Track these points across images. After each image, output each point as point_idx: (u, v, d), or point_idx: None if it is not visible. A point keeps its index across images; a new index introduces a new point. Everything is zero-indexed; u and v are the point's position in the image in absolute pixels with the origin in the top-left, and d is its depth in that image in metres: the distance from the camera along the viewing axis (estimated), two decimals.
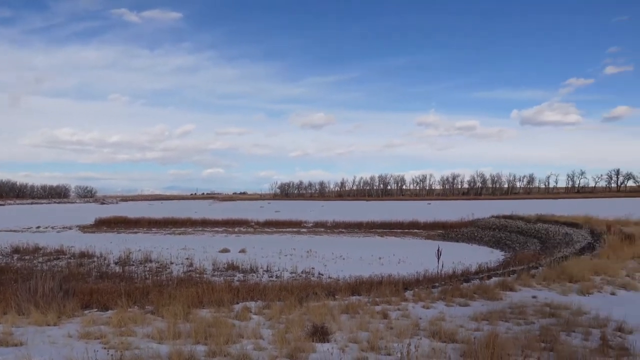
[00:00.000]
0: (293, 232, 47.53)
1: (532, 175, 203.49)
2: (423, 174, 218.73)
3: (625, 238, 21.29)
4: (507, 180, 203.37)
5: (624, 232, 23.81)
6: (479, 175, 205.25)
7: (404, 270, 19.50)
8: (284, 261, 25.84)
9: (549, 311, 9.77)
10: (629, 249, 18.45)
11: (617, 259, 16.77)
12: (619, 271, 14.77)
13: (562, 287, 12.80)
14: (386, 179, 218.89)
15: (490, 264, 21.00)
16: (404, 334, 7.59)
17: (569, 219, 34.27)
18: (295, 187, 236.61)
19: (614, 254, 17.65)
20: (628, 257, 17.30)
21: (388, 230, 47.59)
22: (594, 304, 10.35)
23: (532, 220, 38.59)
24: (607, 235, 23.58)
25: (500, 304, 10.50)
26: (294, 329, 7.71)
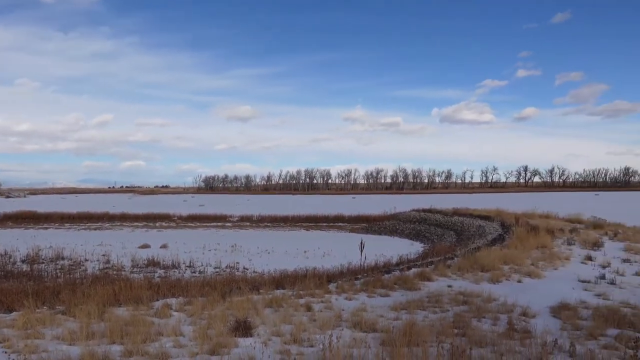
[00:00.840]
0: (218, 227, 46.66)
1: (450, 171, 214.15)
2: (348, 169, 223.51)
3: (531, 230, 22.98)
4: (427, 175, 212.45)
5: (530, 224, 25.68)
6: (401, 170, 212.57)
7: (329, 263, 19.80)
8: (207, 256, 25.31)
9: (462, 299, 10.34)
10: (534, 240, 19.93)
11: (523, 249, 18.06)
12: (525, 260, 15.94)
13: (474, 276, 13.59)
14: (312, 173, 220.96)
15: (410, 255, 21.82)
16: (327, 326, 7.71)
17: (482, 212, 36.41)
18: (221, 181, 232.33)
19: (521, 245, 19.00)
20: (533, 247, 18.70)
21: (314, 224, 48.05)
22: (502, 292, 11.09)
23: (449, 213, 40.59)
24: (515, 227, 25.32)
25: (419, 294, 10.96)
26: (216, 325, 7.57)
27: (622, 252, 18.59)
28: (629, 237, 22.23)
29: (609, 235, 22.72)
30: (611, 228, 25.29)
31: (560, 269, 15.36)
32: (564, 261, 16.52)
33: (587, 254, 17.73)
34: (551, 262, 16.04)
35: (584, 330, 7.70)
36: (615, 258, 17.14)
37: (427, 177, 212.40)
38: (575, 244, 20.21)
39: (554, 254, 17.31)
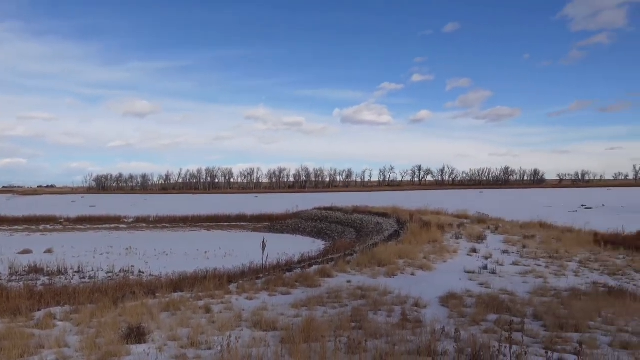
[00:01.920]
0: (111, 229, 43.89)
1: (350, 170, 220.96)
2: (251, 168, 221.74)
3: (424, 225, 24.41)
4: (329, 174, 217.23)
5: (423, 220, 27.28)
6: (304, 169, 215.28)
7: (230, 263, 19.46)
8: (99, 260, 23.69)
9: (360, 293, 10.69)
10: (426, 235, 21.20)
11: (417, 244, 19.14)
12: (418, 254, 16.89)
13: (372, 271, 14.13)
14: (214, 172, 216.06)
15: (312, 253, 22.15)
16: (226, 327, 7.56)
17: (380, 210, 38.00)
18: (114, 180, 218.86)
19: (414, 240, 20.11)
20: (425, 241, 19.87)
21: (215, 224, 47.02)
22: (397, 285, 11.65)
23: (349, 211, 41.84)
24: (410, 223, 26.73)
25: (319, 290, 11.15)
26: (106, 333, 7.11)
27: (502, 244, 20.40)
28: (507, 230, 24.45)
29: (491, 229, 24.80)
30: (493, 222, 27.65)
31: (449, 261, 16.48)
32: (453, 254, 17.75)
33: (472, 246, 19.20)
34: (441, 255, 17.16)
35: (468, 317, 8.33)
36: (496, 250, 18.76)
37: (329, 176, 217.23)
38: (462, 237, 21.81)
39: (444, 248, 18.54)
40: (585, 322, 7.73)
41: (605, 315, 8.34)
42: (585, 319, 7.84)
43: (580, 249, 19.00)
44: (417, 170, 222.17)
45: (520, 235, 22.40)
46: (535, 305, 9.40)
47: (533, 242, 20.68)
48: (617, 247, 18.97)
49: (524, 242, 20.48)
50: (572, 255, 17.68)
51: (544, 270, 15.01)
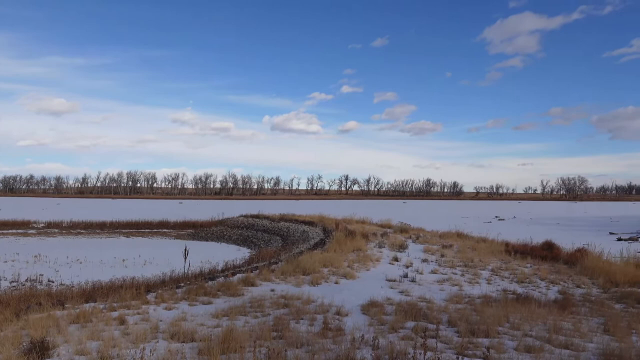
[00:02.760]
0: (18, 234, 40.69)
1: (278, 178, 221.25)
2: (176, 172, 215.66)
3: (349, 234, 24.82)
4: (257, 181, 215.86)
5: (349, 229, 27.74)
6: (231, 176, 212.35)
7: (150, 271, 18.71)
8: (2, 269, 21.87)
9: (283, 302, 10.63)
10: (351, 243, 21.57)
11: (341, 252, 19.41)
12: (343, 263, 17.12)
13: (297, 279, 14.13)
14: (136, 176, 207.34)
15: (236, 261, 21.83)
16: (141, 339, 7.21)
17: (306, 218, 38.19)
18: (24, 182, 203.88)
19: (339, 248, 20.38)
20: (350, 250, 20.20)
21: (135, 231, 45.01)
22: (321, 293, 11.72)
23: (276, 219, 41.68)
24: (335, 232, 27.09)
25: (242, 300, 10.97)
26: (4, 349, 6.53)
27: (422, 253, 21.16)
28: (427, 239, 25.42)
29: (412, 239, 25.69)
30: (415, 232, 28.66)
31: (372, 269, 16.84)
32: (375, 262, 18.17)
33: (394, 255, 19.77)
34: (364, 264, 17.50)
35: (388, 324, 8.53)
36: (417, 258, 19.43)
37: (257, 183, 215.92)
38: (385, 246, 22.40)
39: (367, 256, 18.93)
40: (495, 327, 8.16)
41: (512, 321, 8.85)
42: (494, 325, 8.28)
43: (492, 258, 20.13)
44: (344, 180, 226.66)
45: (439, 245, 23.38)
46: (451, 312, 9.81)
47: (451, 251, 21.64)
48: (526, 257, 20.30)
49: (443, 251, 21.39)
50: (485, 264, 18.69)
51: (459, 279, 15.73)
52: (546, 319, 9.23)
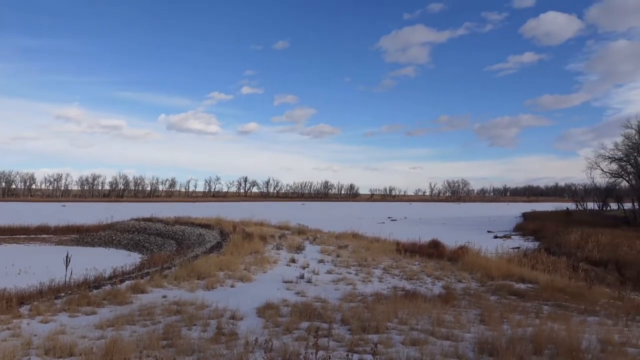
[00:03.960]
0: None
1: (174, 179, 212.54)
2: (58, 173, 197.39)
3: (247, 237, 24.57)
4: (151, 183, 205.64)
5: (246, 231, 27.45)
6: (122, 177, 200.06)
7: (25, 281, 16.94)
8: None
9: (176, 309, 10.23)
10: (249, 246, 21.37)
11: (238, 255, 19.14)
12: (239, 266, 16.90)
13: (191, 284, 13.68)
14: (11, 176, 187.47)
15: (126, 267, 20.55)
16: (10, 357, 6.51)
17: (203, 221, 37.13)
18: None
19: (236, 251, 20.09)
20: (247, 252, 20.00)
21: (9, 237, 40.61)
22: (216, 297, 11.45)
23: (170, 222, 40.01)
24: (233, 234, 26.65)
25: (130, 308, 10.37)
26: None
27: (319, 254, 21.57)
28: (324, 240, 25.97)
29: (310, 240, 26.08)
30: (312, 233, 29.13)
31: (269, 272, 16.82)
32: (273, 264, 18.18)
33: (292, 257, 19.92)
34: (262, 266, 17.43)
35: (283, 326, 8.55)
36: (313, 259, 19.76)
37: (150, 184, 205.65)
38: (283, 248, 22.50)
39: (265, 259, 18.88)
40: (385, 323, 8.52)
41: (401, 316, 9.32)
42: (384, 321, 8.65)
43: (385, 257, 21.08)
44: (243, 182, 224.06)
45: (336, 245, 23.99)
46: (344, 310, 10.08)
47: (346, 251, 22.31)
48: (414, 255, 21.54)
49: (338, 251, 21.98)
50: (378, 262, 19.52)
51: (354, 278, 16.27)
52: (431, 312, 9.84)
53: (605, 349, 6.75)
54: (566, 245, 30.27)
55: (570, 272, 20.61)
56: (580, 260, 24.76)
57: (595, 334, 7.81)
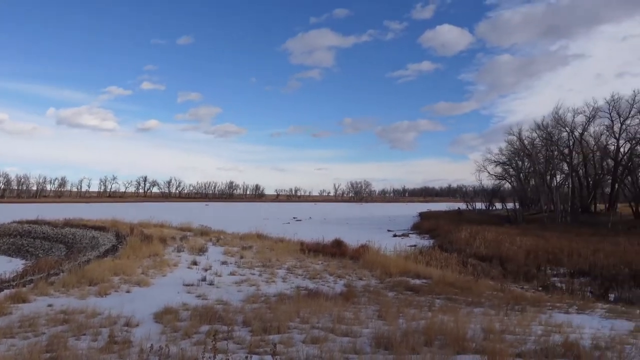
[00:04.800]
0: None
1: (64, 178, 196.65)
2: None
3: (145, 239, 23.44)
4: (37, 182, 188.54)
5: (145, 233, 26.19)
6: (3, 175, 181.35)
7: None
8: None
9: (63, 318, 9.48)
10: (147, 248, 20.38)
11: (136, 259, 18.19)
12: (136, 270, 16.06)
13: (81, 291, 12.75)
14: None
15: (5, 275, 18.65)
16: None
17: (97, 223, 34.80)
18: None
19: (133, 254, 19.06)
20: (146, 255, 19.07)
21: None
22: (110, 304, 10.77)
23: (59, 225, 36.99)
24: (130, 237, 25.28)
25: (8, 319, 9.42)
26: None
27: (222, 255, 21.17)
28: (228, 242, 25.55)
29: (213, 241, 25.51)
30: (215, 235, 28.53)
31: (169, 275, 16.18)
32: (173, 267, 17.52)
33: (193, 259, 19.34)
34: (161, 270, 16.72)
35: (182, 330, 8.26)
36: (216, 261, 19.35)
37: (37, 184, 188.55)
38: (185, 250, 21.77)
39: (164, 262, 18.14)
40: (286, 323, 8.57)
41: (303, 315, 9.42)
42: (286, 321, 8.70)
43: (289, 257, 21.21)
44: (142, 181, 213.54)
45: (239, 247, 23.70)
46: (246, 312, 9.99)
47: (250, 252, 22.12)
48: (318, 254, 21.91)
49: (242, 252, 21.73)
50: (282, 263, 19.58)
51: (257, 279, 16.17)
52: (332, 310, 10.07)
53: (487, 337, 7.34)
54: (457, 243, 32.54)
55: (460, 267, 22.18)
56: (469, 256, 26.73)
57: (479, 324, 8.47)
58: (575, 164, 61.11)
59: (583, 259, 24.36)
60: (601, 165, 61.49)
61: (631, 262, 22.63)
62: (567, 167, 61.76)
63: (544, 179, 62.90)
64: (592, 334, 7.72)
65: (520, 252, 27.00)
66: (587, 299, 14.39)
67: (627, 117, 55.98)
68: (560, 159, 62.71)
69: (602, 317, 10.34)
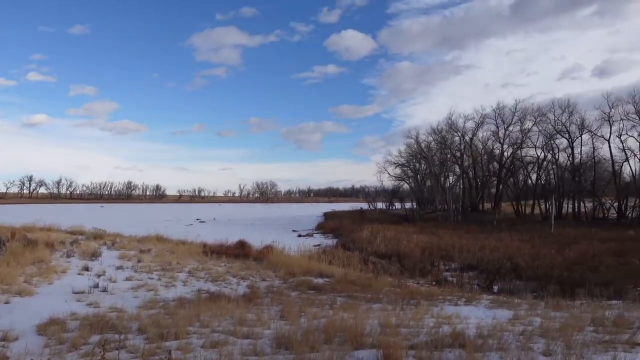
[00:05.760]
0: None
1: None
2: None
3: (29, 243, 21.41)
4: None
5: (29, 238, 23.93)
6: None
7: None
8: None
9: None
10: (32, 254, 18.64)
11: (17, 266, 16.57)
12: (17, 278, 14.64)
13: None
14: None
15: None
16: None
17: None
18: None
19: (15, 261, 17.34)
20: (29, 262, 17.44)
21: None
22: None
23: None
24: (11, 242, 22.98)
25: None
26: None
27: (118, 259, 19.97)
28: (124, 245, 24.16)
29: (107, 245, 23.97)
30: (110, 238, 26.83)
31: (56, 282, 14.96)
32: (61, 274, 16.22)
33: (85, 264, 18.04)
34: (47, 277, 15.41)
35: (68, 342, 7.66)
36: (111, 266, 18.21)
37: None
38: (75, 255, 20.23)
39: (51, 268, 16.74)
40: (185, 328, 8.28)
41: (203, 319, 9.18)
42: (185, 326, 8.41)
43: (191, 259, 20.56)
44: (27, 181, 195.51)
45: (137, 250, 22.51)
46: (142, 319, 9.51)
47: (149, 256, 21.12)
48: (221, 256, 21.48)
49: (140, 256, 20.67)
50: (183, 266, 18.93)
51: (156, 283, 15.48)
52: (234, 313, 9.92)
53: (384, 331, 7.66)
54: (359, 241, 33.66)
55: (362, 265, 22.96)
56: (370, 254, 27.78)
57: (377, 319, 8.81)
58: (466, 166, 66.02)
59: (472, 255, 26.36)
60: (488, 168, 67.07)
61: (512, 256, 24.91)
62: (458, 169, 66.57)
63: (439, 180, 67.17)
64: (477, 324, 8.36)
65: (416, 249, 28.57)
66: (475, 291, 15.58)
67: (510, 124, 61.78)
68: (453, 161, 67.41)
69: (486, 308, 11.24)
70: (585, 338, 6.94)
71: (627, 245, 27.29)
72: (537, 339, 7.01)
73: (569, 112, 56.75)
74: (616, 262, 22.38)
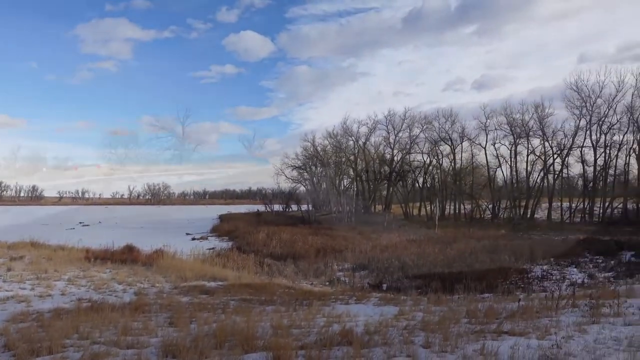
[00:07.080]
0: None
1: None
2: None
3: None
4: None
5: None
6: None
7: None
8: None
9: None
10: None
11: None
12: None
13: None
14: None
15: None
16: None
17: None
18: None
19: None
20: None
21: None
22: None
23: None
24: None
25: None
26: None
27: None
28: None
29: None
30: None
31: None
32: None
33: None
34: None
35: None
36: None
37: None
38: None
39: None
40: (61, 341, 7.62)
41: (82, 330, 8.51)
42: (61, 339, 7.74)
43: (71, 266, 19.03)
44: None
45: (7, 258, 20.35)
46: (10, 333, 8.57)
47: (21, 263, 19.19)
48: (106, 262, 20.13)
49: (10, 264, 18.70)
50: (61, 274, 17.44)
51: (28, 294, 14.08)
52: (118, 322, 9.33)
53: (275, 333, 7.67)
54: (255, 244, 33.46)
55: (257, 268, 22.86)
56: (266, 256, 27.74)
57: (269, 321, 8.81)
58: (360, 169, 68.66)
59: (363, 255, 27.43)
60: (380, 171, 70.24)
61: (400, 255, 26.31)
62: (352, 172, 68.98)
63: (334, 182, 69.05)
64: (365, 321, 8.71)
65: (311, 251, 29.08)
66: (365, 290, 16.24)
67: (400, 130, 65.38)
68: (347, 164, 69.74)
69: (375, 305, 11.76)
70: (460, 329, 7.52)
71: (499, 243, 30.10)
72: (419, 332, 7.46)
73: (451, 121, 61.58)
74: (489, 258, 24.59)
